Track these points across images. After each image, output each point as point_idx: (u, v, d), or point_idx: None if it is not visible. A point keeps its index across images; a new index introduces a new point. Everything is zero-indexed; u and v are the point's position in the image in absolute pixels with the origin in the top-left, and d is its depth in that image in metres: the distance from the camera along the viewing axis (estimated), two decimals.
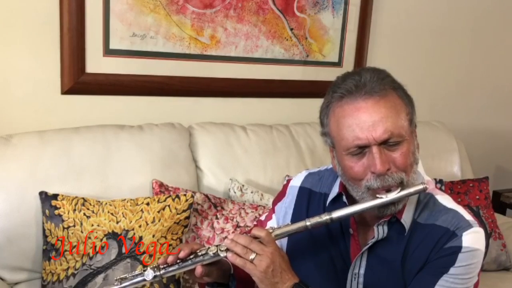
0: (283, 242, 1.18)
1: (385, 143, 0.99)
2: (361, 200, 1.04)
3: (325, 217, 1.02)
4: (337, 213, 1.02)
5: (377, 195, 1.00)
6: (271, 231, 1.02)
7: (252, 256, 0.98)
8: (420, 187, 1.00)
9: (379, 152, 0.99)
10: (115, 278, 1.06)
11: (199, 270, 1.02)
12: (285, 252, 1.18)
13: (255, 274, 0.98)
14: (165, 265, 1.04)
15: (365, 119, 0.99)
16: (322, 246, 1.13)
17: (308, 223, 1.02)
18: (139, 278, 1.04)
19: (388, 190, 1.00)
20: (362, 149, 1.01)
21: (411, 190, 1.00)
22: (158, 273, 1.03)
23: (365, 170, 1.01)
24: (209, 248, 1.03)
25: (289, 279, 0.99)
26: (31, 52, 1.70)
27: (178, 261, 1.04)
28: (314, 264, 1.13)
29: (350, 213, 1.03)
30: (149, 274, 1.03)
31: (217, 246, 1.03)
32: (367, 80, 1.00)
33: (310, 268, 1.13)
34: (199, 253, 1.03)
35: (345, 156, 1.03)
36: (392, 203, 1.01)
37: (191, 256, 1.03)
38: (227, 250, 1.01)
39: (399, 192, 1.00)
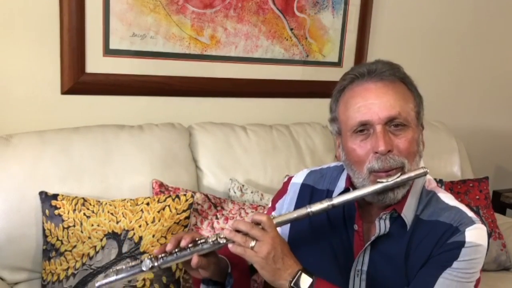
0: (284, 236, 1.17)
1: (390, 126, 1.01)
2: (363, 187, 1.04)
3: (326, 203, 1.02)
4: (338, 199, 1.02)
5: (378, 180, 1.01)
6: (272, 218, 1.02)
7: (252, 243, 0.97)
8: (421, 171, 1.01)
9: (383, 132, 1.00)
10: (111, 269, 1.04)
11: (195, 260, 1.00)
12: None
13: (256, 261, 0.97)
14: (162, 255, 1.02)
15: (372, 99, 1.02)
16: (324, 242, 1.13)
17: (309, 210, 1.02)
18: (137, 270, 1.02)
19: (389, 175, 1.01)
20: (367, 129, 1.02)
21: (412, 174, 1.01)
22: (156, 264, 1.01)
23: (367, 152, 1.02)
24: (208, 237, 1.01)
25: (291, 266, 0.98)
26: (31, 52, 1.70)
27: (176, 250, 1.02)
28: (316, 259, 1.13)
29: (351, 198, 1.03)
30: (147, 264, 1.01)
31: (216, 234, 1.01)
32: (379, 67, 1.04)
33: (312, 262, 1.12)
34: (198, 242, 1.01)
35: (350, 137, 1.05)
36: (391, 190, 1.02)
37: (190, 245, 1.01)
38: (227, 239, 0.99)
39: (399, 176, 1.00)
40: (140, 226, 1.49)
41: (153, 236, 1.49)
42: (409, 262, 1.05)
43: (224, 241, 0.99)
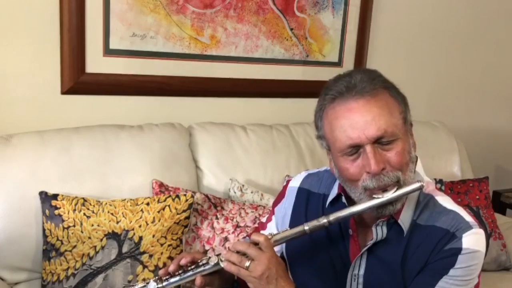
0: (282, 245, 1.18)
1: (379, 142, 0.99)
2: (359, 201, 1.03)
3: (322, 220, 1.02)
4: (335, 216, 1.02)
5: (374, 196, 1.00)
6: (270, 237, 1.03)
7: (247, 263, 0.98)
8: (417, 185, 1.00)
9: (373, 152, 0.98)
10: None
11: (198, 280, 1.03)
12: (285, 256, 1.18)
13: (250, 281, 0.98)
14: (167, 277, 1.05)
15: (357, 120, 0.99)
16: (321, 248, 1.13)
17: (306, 228, 1.03)
18: None
19: (385, 190, 1.00)
20: (356, 150, 1.00)
21: (408, 189, 1.00)
22: (160, 285, 1.05)
23: (360, 171, 1.00)
24: (210, 258, 1.04)
25: (284, 287, 0.99)
26: (31, 52, 1.70)
27: (179, 271, 1.05)
28: (314, 266, 1.13)
29: (348, 214, 1.03)
30: (152, 286, 1.04)
31: (217, 256, 1.03)
32: (358, 81, 1.00)
33: (309, 270, 1.12)
34: (200, 263, 1.04)
35: (340, 157, 1.03)
36: (390, 202, 1.01)
37: (193, 267, 1.04)
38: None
39: (395, 191, 1.00)
40: (140, 226, 1.49)
41: (153, 236, 1.49)
42: (406, 268, 1.05)
43: (226, 263, 1.02)
